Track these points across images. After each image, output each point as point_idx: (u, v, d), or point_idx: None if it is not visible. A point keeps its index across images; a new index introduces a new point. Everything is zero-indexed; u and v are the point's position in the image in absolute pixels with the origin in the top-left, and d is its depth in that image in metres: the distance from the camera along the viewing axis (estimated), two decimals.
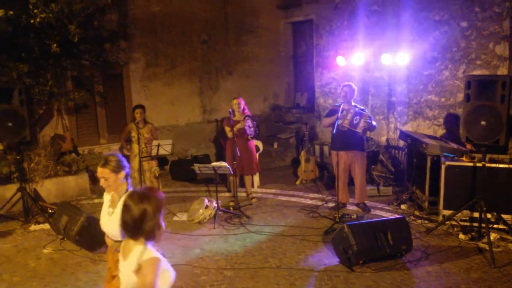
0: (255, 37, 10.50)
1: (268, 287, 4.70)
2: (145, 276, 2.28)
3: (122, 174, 3.29)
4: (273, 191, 8.08)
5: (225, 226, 6.43)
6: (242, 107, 7.06)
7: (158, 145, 6.67)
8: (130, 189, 3.27)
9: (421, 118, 8.05)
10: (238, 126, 6.94)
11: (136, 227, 2.34)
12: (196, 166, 6.62)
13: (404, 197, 7.05)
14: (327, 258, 5.32)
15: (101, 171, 3.28)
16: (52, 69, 7.37)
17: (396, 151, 8.44)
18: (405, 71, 8.11)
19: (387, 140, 8.63)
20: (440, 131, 7.73)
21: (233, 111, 6.97)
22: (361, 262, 5.01)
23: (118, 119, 9.01)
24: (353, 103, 6.65)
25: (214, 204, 6.66)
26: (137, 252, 2.35)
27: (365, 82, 8.82)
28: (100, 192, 8.12)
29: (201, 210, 6.57)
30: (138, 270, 2.31)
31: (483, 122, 5.21)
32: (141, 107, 7.10)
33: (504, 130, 5.11)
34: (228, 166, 6.43)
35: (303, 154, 8.48)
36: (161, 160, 9.29)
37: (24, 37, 6.76)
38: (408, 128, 8.20)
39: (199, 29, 9.74)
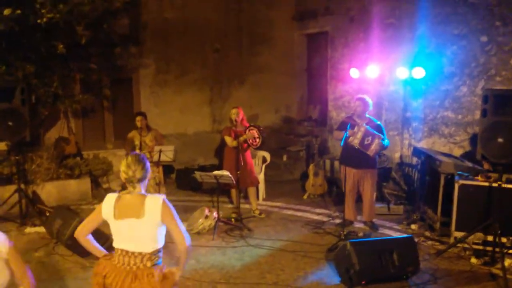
0: (268, 48, 10.32)
1: None
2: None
3: None
4: (279, 204, 7.79)
5: (224, 238, 6.17)
6: (241, 117, 6.82)
7: (160, 151, 6.48)
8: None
9: (436, 135, 7.71)
10: (245, 136, 6.70)
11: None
12: (198, 174, 6.40)
13: (415, 217, 6.70)
14: (327, 277, 5.01)
15: None
16: (58, 71, 7.27)
17: (410, 169, 8.08)
18: (421, 86, 7.80)
19: (401, 157, 8.29)
20: (456, 150, 7.37)
21: (233, 120, 6.74)
22: (363, 282, 4.69)
23: (126, 125, 8.80)
24: (367, 116, 6.36)
25: (215, 214, 6.41)
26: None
27: (379, 96, 8.53)
28: (101, 198, 7.96)
29: (200, 220, 6.33)
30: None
31: (500, 139, 4.89)
32: (142, 114, 6.95)
33: None
34: (230, 176, 6.19)
35: (311, 167, 8.20)
36: (168, 169, 9.13)
37: (31, 37, 6.69)
38: (423, 145, 7.86)
39: (212, 37, 9.62)
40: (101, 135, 8.80)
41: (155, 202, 2.89)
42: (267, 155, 8.32)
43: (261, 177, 7.90)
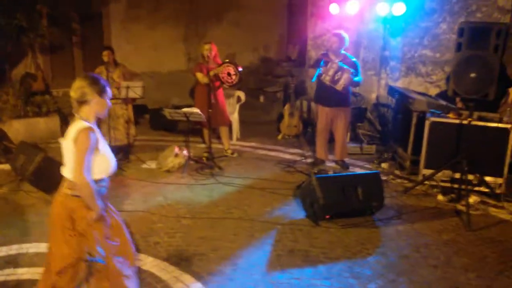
0: None
1: (225, 237, 4.41)
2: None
3: None
4: (252, 144, 7.70)
5: (194, 176, 6.11)
6: (214, 54, 6.55)
7: (127, 87, 6.24)
8: None
9: (413, 74, 7.56)
10: (215, 71, 6.48)
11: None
12: (167, 111, 6.22)
13: (386, 156, 6.69)
14: (293, 211, 5.01)
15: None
16: (22, 2, 6.85)
17: (386, 109, 7.99)
18: (401, 23, 7.55)
19: (377, 97, 8.18)
20: (432, 89, 7.26)
21: (205, 56, 6.47)
22: (328, 217, 4.70)
23: (96, 62, 8.38)
24: (342, 52, 6.15)
25: (185, 152, 6.31)
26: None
27: (359, 35, 8.28)
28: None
29: (170, 158, 6.23)
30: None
31: (472, 74, 4.76)
32: (109, 48, 6.64)
33: (494, 83, 4.67)
34: (200, 113, 6.02)
35: (287, 108, 8.07)
36: (141, 109, 8.92)
37: None
38: (399, 85, 7.72)
39: None
40: (70, 72, 8.49)
41: (75, 128, 2.70)
42: (242, 95, 8.13)
43: (235, 117, 7.76)
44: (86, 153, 2.66)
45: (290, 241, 4.35)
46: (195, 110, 6.05)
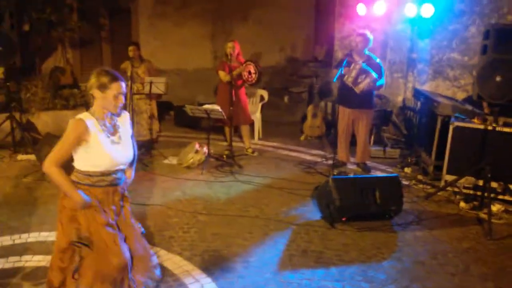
0: None
1: (239, 235, 4.41)
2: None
3: None
4: (274, 144, 7.68)
5: (214, 173, 6.14)
6: (237, 52, 6.57)
7: (151, 83, 6.33)
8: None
9: (441, 78, 7.39)
10: (238, 70, 6.50)
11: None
12: (188, 108, 6.28)
13: (409, 160, 6.56)
14: (310, 212, 4.97)
15: (121, 86, 2.81)
16: None
17: (412, 113, 7.84)
18: (429, 25, 7.40)
19: (404, 100, 8.03)
20: (460, 93, 7.09)
21: (228, 55, 6.50)
22: (344, 219, 4.64)
23: (125, 56, 8.58)
24: (366, 53, 6.06)
25: (205, 149, 6.35)
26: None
27: (386, 35, 8.15)
28: None
29: (190, 155, 6.29)
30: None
31: (498, 78, 4.61)
32: (135, 44, 6.76)
33: None
34: (220, 110, 6.05)
35: (310, 108, 8.01)
36: (167, 106, 9.03)
37: None
38: (426, 88, 7.57)
39: None
40: (99, 66, 8.62)
41: (73, 117, 2.76)
42: (265, 94, 8.13)
43: (257, 116, 7.75)
44: (65, 143, 2.69)
45: (304, 242, 4.32)
46: (216, 107, 6.08)
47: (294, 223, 4.70)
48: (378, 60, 6.04)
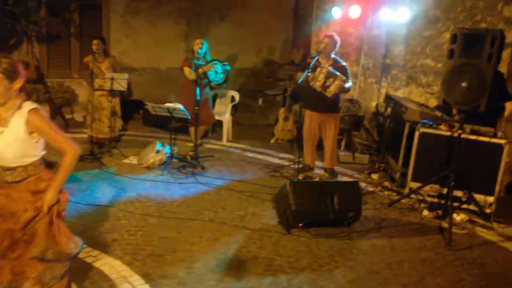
0: None
1: (188, 239, 4.19)
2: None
3: (18, 83, 2.59)
4: (242, 146, 7.47)
5: (174, 174, 5.91)
6: (204, 51, 6.38)
7: (112, 79, 6.09)
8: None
9: (414, 84, 7.26)
10: (205, 68, 6.30)
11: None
12: (150, 106, 6.06)
13: (377, 166, 6.40)
14: (268, 217, 4.76)
15: None
16: None
17: (384, 119, 7.69)
18: (404, 30, 7.28)
19: (377, 106, 7.88)
20: (433, 101, 6.94)
21: (194, 51, 6.30)
22: (300, 225, 4.44)
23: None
24: (333, 56, 5.90)
25: (166, 149, 6.12)
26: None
27: (361, 40, 8.03)
28: (60, 127, 7.69)
29: (150, 155, 6.06)
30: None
31: (464, 84, 4.47)
32: (100, 38, 6.52)
33: (486, 94, 4.37)
34: (183, 109, 5.83)
35: (282, 111, 7.83)
36: (137, 104, 8.78)
37: None
38: (399, 94, 7.43)
39: None
40: (66, 63, 8.39)
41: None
42: (236, 95, 7.94)
43: (227, 117, 7.55)
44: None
45: (256, 248, 4.11)
46: (178, 106, 5.87)
47: (249, 228, 4.49)
48: (344, 63, 5.88)
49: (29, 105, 2.60)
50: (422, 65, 7.10)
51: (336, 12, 7.72)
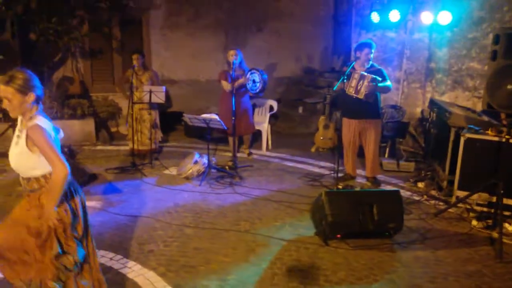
0: None
1: (222, 250, 4.14)
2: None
3: (31, 96, 2.73)
4: (281, 155, 7.38)
5: (212, 185, 5.90)
6: (239, 61, 6.37)
7: (150, 91, 6.19)
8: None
9: (460, 88, 6.94)
10: (240, 81, 6.31)
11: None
12: (186, 117, 6.10)
13: (423, 174, 6.12)
14: (304, 228, 4.64)
15: (3, 90, 2.69)
16: (58, 6, 7.04)
17: (429, 125, 7.38)
18: (447, 33, 6.99)
19: (422, 111, 7.59)
20: (480, 105, 6.60)
21: (230, 63, 6.31)
22: (338, 236, 4.29)
23: None
24: (370, 62, 5.73)
25: (204, 160, 6.13)
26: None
27: (402, 44, 7.78)
28: (105, 140, 7.92)
29: (188, 165, 6.08)
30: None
31: (509, 86, 4.20)
32: (139, 52, 6.66)
33: None
34: (219, 120, 5.84)
35: (322, 119, 7.69)
36: (178, 116, 8.89)
37: None
38: (445, 99, 7.12)
39: None
40: (110, 77, 8.64)
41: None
42: (274, 104, 7.88)
43: (265, 126, 7.49)
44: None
45: (291, 259, 4.00)
46: (214, 116, 5.88)
47: (285, 239, 4.38)
48: (379, 67, 5.70)
49: (34, 119, 2.69)
50: (468, 68, 6.79)
51: (375, 17, 7.52)
